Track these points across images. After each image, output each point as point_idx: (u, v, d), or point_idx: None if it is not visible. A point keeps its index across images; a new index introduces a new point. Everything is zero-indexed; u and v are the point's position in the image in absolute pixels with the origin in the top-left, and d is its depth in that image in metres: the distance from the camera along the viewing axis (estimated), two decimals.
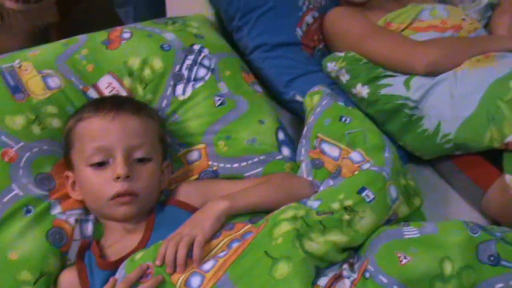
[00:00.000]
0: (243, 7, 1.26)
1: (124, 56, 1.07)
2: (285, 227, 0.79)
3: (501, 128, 1.01)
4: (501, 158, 1.04)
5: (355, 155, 0.97)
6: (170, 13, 1.46)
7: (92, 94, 1.04)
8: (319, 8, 1.33)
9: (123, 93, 1.05)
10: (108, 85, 1.05)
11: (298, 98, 1.23)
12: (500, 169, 1.05)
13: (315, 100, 1.11)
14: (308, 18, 1.30)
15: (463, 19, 1.23)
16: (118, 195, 0.86)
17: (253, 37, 1.27)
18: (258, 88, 1.17)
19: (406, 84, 1.11)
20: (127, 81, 1.06)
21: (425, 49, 1.13)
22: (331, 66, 1.23)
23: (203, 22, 1.25)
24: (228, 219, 0.86)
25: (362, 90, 1.15)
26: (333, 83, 1.24)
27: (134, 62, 1.07)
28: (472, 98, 1.04)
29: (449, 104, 1.06)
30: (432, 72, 1.10)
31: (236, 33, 1.30)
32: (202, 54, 1.12)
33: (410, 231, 0.84)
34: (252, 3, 1.26)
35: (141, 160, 0.91)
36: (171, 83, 1.07)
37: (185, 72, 1.09)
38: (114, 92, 1.05)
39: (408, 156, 1.18)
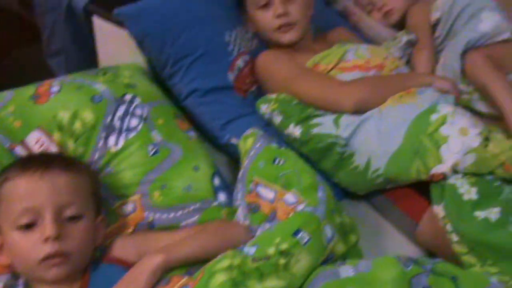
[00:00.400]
0: (175, 54, 1.28)
1: (53, 110, 1.06)
2: (220, 277, 0.79)
3: (425, 161, 1.05)
4: (429, 189, 1.08)
5: (289, 197, 0.98)
6: (103, 62, 1.46)
7: (20, 151, 1.01)
8: (249, 52, 1.36)
9: (53, 148, 1.03)
10: (36, 141, 1.03)
11: (234, 141, 1.24)
12: (430, 200, 1.09)
13: (249, 143, 1.12)
14: (239, 62, 1.33)
15: (385, 58, 1.29)
16: (48, 257, 0.83)
17: (186, 83, 1.29)
18: (193, 134, 1.18)
19: (336, 123, 1.15)
20: (57, 135, 1.04)
21: (351, 89, 1.17)
22: (264, 108, 1.26)
23: (136, 70, 1.26)
24: (164, 273, 0.85)
25: (295, 131, 1.18)
26: (268, 125, 1.26)
27: (64, 116, 1.05)
28: (397, 133, 1.09)
29: (376, 140, 1.10)
30: (359, 110, 1.14)
31: (169, 80, 1.31)
32: (134, 104, 1.12)
33: (346, 270, 0.86)
34: (183, 50, 1.28)
35: (73, 218, 0.88)
36: (103, 135, 1.06)
37: (117, 123, 1.08)
38: (43, 148, 1.02)
39: (344, 192, 1.21)
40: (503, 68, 1.32)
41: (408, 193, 1.14)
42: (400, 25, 1.59)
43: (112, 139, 1.07)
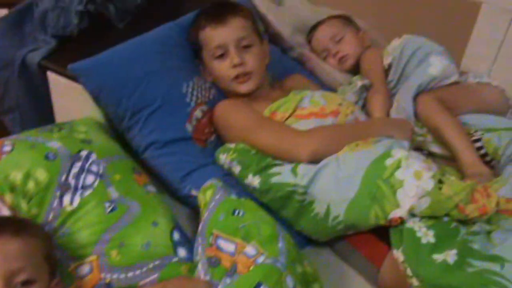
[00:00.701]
0: (132, 107, 1.28)
1: (4, 170, 1.03)
2: None
3: (383, 206, 1.06)
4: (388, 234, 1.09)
5: (250, 249, 0.97)
6: (59, 117, 1.45)
7: None
8: (207, 102, 1.37)
9: (5, 211, 1.00)
10: None
11: (194, 192, 1.23)
12: (390, 245, 1.09)
13: (208, 196, 1.12)
14: (197, 113, 1.33)
15: (340, 104, 1.31)
16: None
17: (144, 136, 1.28)
18: (152, 188, 1.17)
19: (294, 171, 1.15)
20: (9, 197, 1.01)
21: (307, 139, 1.19)
22: (223, 158, 1.26)
23: (92, 125, 1.25)
24: None
25: (254, 181, 1.18)
26: (228, 174, 1.26)
27: (16, 176, 1.03)
28: (354, 179, 1.10)
29: (334, 187, 1.11)
30: (315, 160, 1.15)
31: (127, 133, 1.31)
32: (90, 160, 1.10)
33: None
34: (140, 103, 1.28)
35: (25, 284, 0.85)
36: (58, 193, 1.04)
37: (72, 181, 1.06)
38: None
39: (306, 240, 1.21)
40: (453, 109, 1.37)
41: (369, 238, 1.14)
42: (355, 70, 1.64)
43: (67, 198, 1.04)
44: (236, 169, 1.22)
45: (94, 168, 1.09)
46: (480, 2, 1.69)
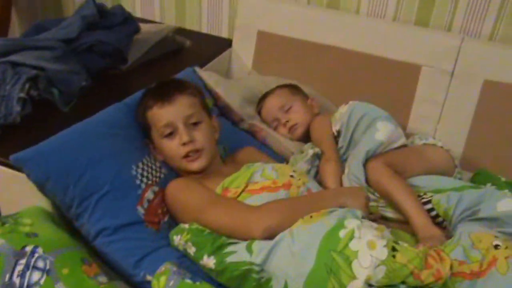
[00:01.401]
0: (80, 194, 1.24)
1: None
2: None
3: (340, 279, 1.05)
4: None
5: None
6: (4, 209, 1.40)
7: None
8: (158, 182, 1.35)
9: None
10: None
11: (149, 278, 1.19)
12: None
13: (162, 282, 1.08)
14: (148, 194, 1.31)
15: (291, 176, 1.32)
16: None
17: (93, 223, 1.24)
18: (103, 278, 1.12)
19: (249, 249, 1.13)
20: None
21: (260, 216, 1.17)
22: (177, 239, 1.23)
23: (38, 215, 1.21)
24: None
25: (209, 261, 1.15)
26: (183, 256, 1.22)
27: None
28: (309, 253, 1.08)
29: (290, 262, 1.09)
30: (269, 236, 1.14)
31: (76, 221, 1.26)
32: (36, 255, 1.06)
33: None
34: (88, 189, 1.25)
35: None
36: None
37: (16, 280, 1.01)
38: None
39: None
40: (402, 173, 1.40)
41: None
42: (306, 137, 1.67)
43: None
44: (191, 250, 1.19)
45: (40, 263, 1.05)
46: (420, 65, 1.76)
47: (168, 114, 1.34)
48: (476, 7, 1.74)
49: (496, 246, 1.08)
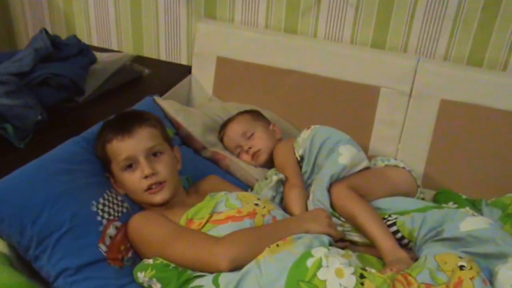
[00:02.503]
0: (38, 234, 1.19)
1: None
2: None
3: None
4: None
5: None
6: None
7: None
8: (120, 217, 1.32)
9: None
10: None
11: None
12: None
13: None
14: (111, 231, 1.27)
15: (256, 204, 1.30)
16: None
17: (54, 264, 1.19)
18: None
19: (215, 283, 1.11)
20: None
21: (225, 247, 1.15)
22: (141, 276, 1.19)
23: None
24: None
25: None
26: None
27: None
28: (277, 285, 1.07)
29: None
30: (235, 268, 1.12)
31: (35, 263, 1.21)
32: None
33: None
34: (47, 229, 1.20)
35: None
36: None
37: None
38: None
39: None
40: (366, 195, 1.40)
41: None
42: (269, 163, 1.66)
43: None
44: (157, 287, 1.16)
45: None
46: (379, 87, 1.79)
47: (128, 147, 1.32)
48: (430, 28, 1.78)
49: (461, 267, 1.08)
